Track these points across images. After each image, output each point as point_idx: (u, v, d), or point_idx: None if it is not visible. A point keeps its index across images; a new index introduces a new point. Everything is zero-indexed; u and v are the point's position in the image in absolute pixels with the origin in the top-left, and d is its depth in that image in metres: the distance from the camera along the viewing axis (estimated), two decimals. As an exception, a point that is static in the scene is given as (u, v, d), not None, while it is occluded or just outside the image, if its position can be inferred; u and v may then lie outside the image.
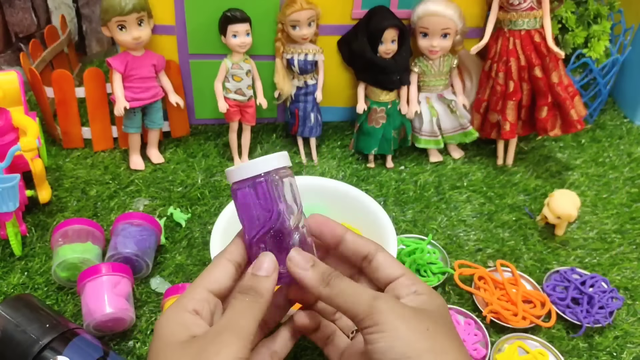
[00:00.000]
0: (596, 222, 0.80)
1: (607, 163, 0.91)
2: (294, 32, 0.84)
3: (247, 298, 0.40)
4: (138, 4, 0.78)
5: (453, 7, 0.83)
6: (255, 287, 0.40)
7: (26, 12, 1.04)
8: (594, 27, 0.92)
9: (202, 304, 0.40)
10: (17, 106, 0.81)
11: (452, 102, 0.89)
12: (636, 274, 0.72)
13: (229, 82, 0.86)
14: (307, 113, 0.90)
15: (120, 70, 0.82)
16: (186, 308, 0.40)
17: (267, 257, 0.42)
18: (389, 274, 0.43)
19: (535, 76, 0.83)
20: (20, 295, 0.59)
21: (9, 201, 0.67)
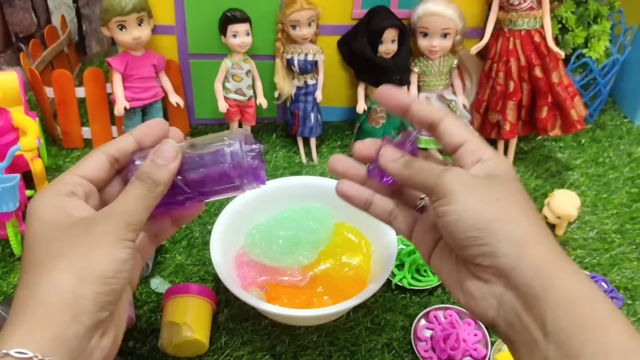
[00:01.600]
0: (596, 222, 0.80)
1: (607, 163, 0.91)
2: (294, 32, 0.84)
3: (143, 185, 0.39)
4: (138, 4, 0.78)
5: (453, 7, 0.83)
6: (153, 174, 0.39)
7: (26, 12, 1.04)
8: (594, 27, 0.92)
9: (75, 187, 0.39)
10: (17, 106, 0.81)
11: (452, 102, 0.89)
12: (636, 274, 0.72)
13: (229, 82, 0.86)
14: (307, 113, 0.90)
15: (120, 70, 0.82)
16: (60, 191, 0.38)
17: (169, 144, 0.40)
18: (452, 141, 0.42)
19: (535, 76, 0.83)
20: (20, 295, 0.59)
21: (9, 201, 0.67)
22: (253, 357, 0.61)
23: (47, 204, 0.38)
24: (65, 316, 0.34)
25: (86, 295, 0.35)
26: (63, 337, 0.34)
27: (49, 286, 0.35)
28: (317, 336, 0.63)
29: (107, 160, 0.41)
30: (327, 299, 0.63)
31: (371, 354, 0.62)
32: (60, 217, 0.37)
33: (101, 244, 0.36)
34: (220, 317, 0.65)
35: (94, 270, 0.35)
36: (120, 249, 0.37)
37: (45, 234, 0.37)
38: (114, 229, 0.37)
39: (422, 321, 0.65)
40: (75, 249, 0.36)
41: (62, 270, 0.35)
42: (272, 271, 0.66)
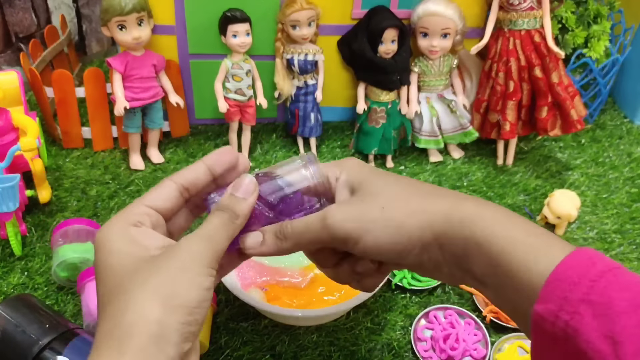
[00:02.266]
0: (596, 222, 0.80)
1: (607, 163, 0.91)
2: (294, 32, 0.84)
3: (225, 215, 0.39)
4: (138, 4, 0.78)
5: (453, 7, 0.83)
6: (233, 207, 0.39)
7: (26, 12, 1.04)
8: (594, 27, 0.92)
9: (142, 217, 0.38)
10: (17, 106, 0.81)
11: (452, 102, 0.89)
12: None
13: (229, 82, 0.86)
14: (307, 113, 0.90)
15: (120, 70, 0.82)
16: (128, 221, 0.38)
17: (247, 178, 0.40)
18: None
19: (535, 76, 0.83)
20: (20, 295, 0.59)
21: (9, 201, 0.67)
22: (253, 357, 0.61)
23: (118, 235, 0.37)
24: (153, 348, 0.33)
25: (172, 325, 0.33)
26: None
27: (136, 317, 0.33)
28: (317, 336, 0.63)
29: (178, 189, 0.41)
30: (327, 299, 0.63)
31: (371, 354, 0.62)
32: (136, 248, 0.37)
33: (189, 271, 0.35)
34: (220, 317, 0.65)
35: (180, 300, 0.34)
36: (206, 277, 0.36)
37: (125, 266, 0.36)
38: (202, 256, 0.36)
39: (422, 321, 0.65)
40: (160, 275, 0.35)
41: (148, 299, 0.34)
42: (272, 272, 0.66)
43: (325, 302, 0.63)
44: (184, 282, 0.35)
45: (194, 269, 0.35)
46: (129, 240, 0.37)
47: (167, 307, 0.34)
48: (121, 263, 0.36)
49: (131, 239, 0.37)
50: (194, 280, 0.35)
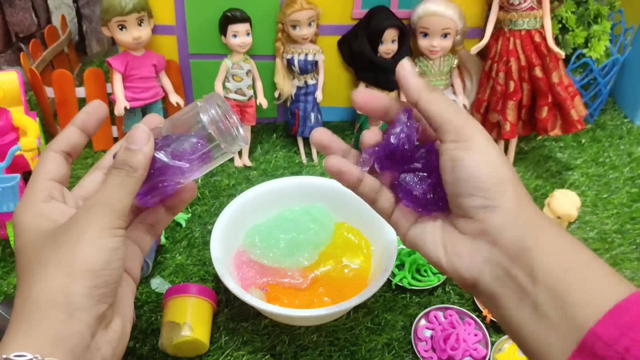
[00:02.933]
0: (596, 222, 0.80)
1: (607, 163, 0.91)
2: (294, 32, 0.84)
3: (121, 173, 0.38)
4: (138, 4, 0.78)
5: (453, 7, 0.83)
6: (129, 161, 0.38)
7: (26, 12, 1.04)
8: (594, 27, 0.92)
9: (50, 191, 0.39)
10: (17, 106, 0.81)
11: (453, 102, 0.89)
12: (636, 274, 0.72)
13: (229, 82, 0.86)
14: (307, 113, 0.90)
15: (121, 70, 0.82)
16: (38, 199, 0.38)
17: (139, 129, 0.40)
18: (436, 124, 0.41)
19: (535, 76, 0.83)
20: (21, 295, 0.59)
21: (9, 201, 0.67)
22: (253, 357, 0.61)
23: (28, 213, 0.38)
24: (60, 315, 0.34)
25: (78, 291, 0.34)
26: (61, 335, 0.33)
27: (40, 289, 0.34)
28: (317, 336, 0.63)
29: (62, 157, 0.41)
30: (327, 300, 0.63)
31: (371, 354, 0.62)
32: (44, 223, 0.37)
33: (85, 236, 0.36)
34: (220, 317, 0.65)
35: (81, 265, 0.35)
36: (108, 238, 0.36)
37: (32, 242, 0.37)
38: (97, 219, 0.36)
39: (422, 321, 0.65)
40: (60, 248, 0.36)
41: (51, 272, 0.35)
42: (272, 272, 0.66)
43: (326, 302, 0.63)
44: (83, 249, 0.35)
45: (92, 233, 0.36)
46: (38, 215, 0.38)
47: (70, 275, 0.34)
48: (29, 242, 0.37)
49: (40, 214, 0.38)
50: (94, 243, 0.35)
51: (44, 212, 0.38)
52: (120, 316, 0.38)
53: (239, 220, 0.68)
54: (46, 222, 0.38)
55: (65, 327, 0.34)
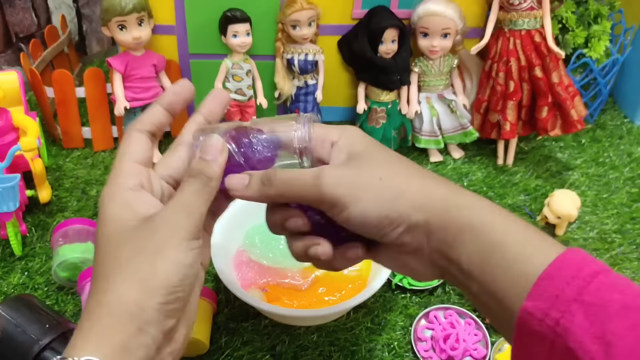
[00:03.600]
0: (596, 222, 0.80)
1: (608, 163, 0.91)
2: (294, 32, 0.84)
3: (197, 181, 0.39)
4: (138, 4, 0.78)
5: (453, 7, 0.83)
6: (204, 171, 0.39)
7: (26, 12, 1.04)
8: (594, 27, 0.92)
9: (140, 178, 0.39)
10: (17, 106, 0.81)
11: (453, 102, 0.89)
12: (636, 274, 0.72)
13: (229, 82, 0.86)
14: (307, 113, 0.90)
15: (121, 70, 0.82)
16: (128, 185, 0.38)
17: (213, 139, 0.40)
18: None
19: (535, 76, 0.83)
20: (20, 295, 0.59)
21: (9, 201, 0.67)
22: (253, 357, 0.61)
23: (116, 201, 0.38)
24: (131, 327, 0.34)
25: (151, 306, 0.34)
26: (129, 347, 0.33)
27: (116, 296, 0.34)
28: (317, 336, 0.63)
29: (147, 137, 0.41)
30: (327, 300, 0.63)
31: (371, 354, 0.62)
32: (129, 215, 0.37)
33: (165, 249, 0.35)
34: (220, 317, 0.65)
35: (158, 281, 0.35)
36: (186, 253, 0.36)
37: (114, 237, 0.37)
38: (181, 229, 0.36)
39: (422, 321, 0.65)
40: (140, 255, 0.35)
41: (129, 281, 0.35)
42: (272, 273, 0.65)
43: (326, 303, 0.63)
44: (162, 263, 0.35)
45: (173, 246, 0.36)
46: (125, 205, 0.37)
47: (145, 289, 0.34)
48: (111, 235, 0.37)
49: (127, 203, 0.37)
50: (173, 259, 0.35)
51: (131, 202, 0.38)
52: (186, 324, 0.38)
53: (239, 220, 0.68)
54: (131, 214, 0.37)
55: (135, 339, 0.34)
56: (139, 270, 0.35)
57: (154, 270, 0.35)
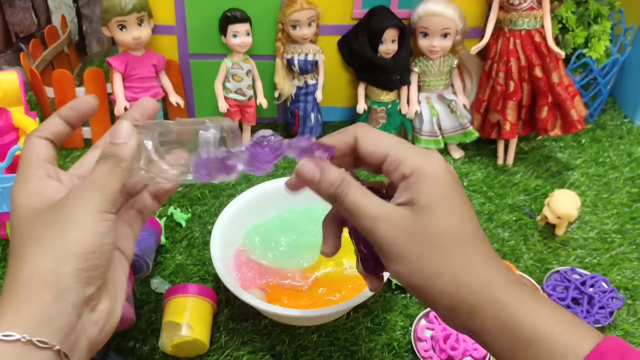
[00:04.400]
0: (596, 222, 0.80)
1: (608, 163, 0.91)
2: (294, 32, 0.84)
3: (108, 162, 0.39)
4: (138, 4, 0.78)
5: (453, 7, 0.83)
6: (115, 153, 0.39)
7: (26, 12, 1.04)
8: (594, 27, 0.92)
9: (45, 169, 0.40)
10: (17, 106, 0.81)
11: (453, 102, 0.89)
12: (636, 274, 0.72)
13: (229, 82, 0.86)
14: (307, 113, 0.90)
15: (121, 70, 0.82)
16: (35, 176, 0.39)
17: (123, 123, 0.41)
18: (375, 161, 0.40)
19: (535, 76, 0.83)
20: (21, 295, 0.59)
21: (9, 201, 0.67)
22: (253, 357, 0.61)
23: (25, 190, 0.39)
24: (49, 295, 0.34)
25: (68, 272, 0.35)
26: (49, 316, 0.34)
27: (30, 269, 0.35)
28: (317, 336, 0.63)
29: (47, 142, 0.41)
30: (327, 300, 0.63)
31: (371, 354, 0.62)
32: (38, 200, 0.38)
33: (77, 219, 0.36)
34: (220, 317, 0.65)
35: (72, 247, 0.35)
36: (98, 222, 0.37)
37: (24, 219, 0.38)
38: (88, 202, 0.37)
39: (423, 321, 0.65)
40: (52, 229, 0.36)
41: (42, 252, 0.35)
42: (273, 273, 0.65)
43: (326, 303, 0.63)
44: (74, 231, 0.36)
45: (84, 217, 0.36)
46: (33, 192, 0.39)
47: (60, 257, 0.35)
48: (22, 219, 0.38)
49: (35, 191, 0.39)
50: (85, 227, 0.36)
51: (39, 189, 0.39)
52: (108, 297, 0.38)
53: (239, 220, 0.68)
54: (40, 199, 0.38)
55: (53, 307, 0.34)
56: (51, 241, 0.36)
57: (65, 238, 0.36)
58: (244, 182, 0.86)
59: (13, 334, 0.33)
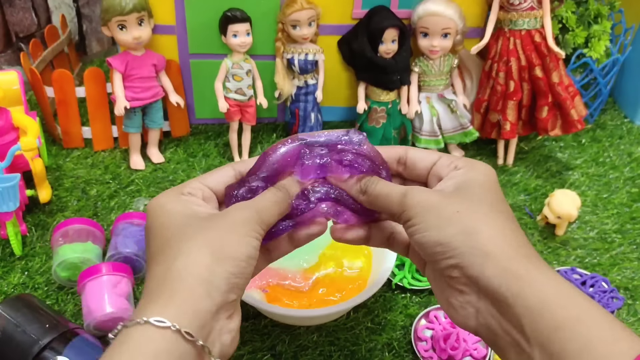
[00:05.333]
0: (596, 222, 0.80)
1: (608, 163, 0.91)
2: (295, 32, 0.84)
3: (279, 194, 0.42)
4: (138, 3, 0.78)
5: (453, 7, 0.83)
6: (288, 186, 0.42)
7: (26, 12, 1.03)
8: (595, 27, 0.92)
9: (193, 190, 0.41)
10: (17, 106, 0.81)
11: (453, 101, 0.89)
12: (636, 274, 0.72)
13: (229, 82, 0.86)
14: (307, 113, 0.90)
15: (121, 69, 0.82)
16: (179, 191, 0.41)
17: None
18: (427, 163, 0.43)
19: (535, 76, 0.83)
20: (20, 295, 0.59)
21: (9, 201, 0.67)
22: (253, 356, 0.61)
23: (170, 200, 0.40)
24: (201, 290, 0.35)
25: (220, 273, 0.36)
26: (198, 310, 0.34)
27: (187, 262, 0.35)
28: (317, 336, 0.63)
29: (234, 174, 0.44)
30: (327, 300, 0.63)
31: (371, 354, 0.62)
32: (187, 210, 0.39)
33: (237, 229, 0.37)
34: (221, 317, 0.65)
35: (229, 251, 0.36)
36: (253, 238, 0.38)
37: (177, 222, 0.38)
38: (250, 220, 0.38)
39: (423, 321, 0.65)
40: (211, 231, 0.37)
41: (200, 247, 0.36)
42: (273, 274, 0.65)
43: (326, 303, 0.63)
44: (232, 238, 0.37)
45: (242, 230, 0.38)
46: (180, 204, 0.40)
47: (216, 257, 0.36)
48: (172, 221, 0.38)
49: (182, 203, 0.40)
50: (242, 238, 0.37)
51: (185, 201, 0.40)
52: (237, 316, 0.38)
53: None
54: (190, 209, 0.39)
55: (202, 303, 0.35)
56: (211, 241, 0.36)
57: (223, 242, 0.37)
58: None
59: (165, 321, 0.33)
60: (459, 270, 0.37)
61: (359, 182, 0.43)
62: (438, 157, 0.43)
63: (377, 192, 0.42)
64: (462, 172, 0.41)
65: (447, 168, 0.42)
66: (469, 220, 0.37)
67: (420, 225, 0.38)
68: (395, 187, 0.41)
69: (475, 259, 0.36)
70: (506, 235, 0.37)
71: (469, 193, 0.39)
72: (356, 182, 0.43)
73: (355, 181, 0.43)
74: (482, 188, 0.40)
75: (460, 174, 0.41)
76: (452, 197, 0.39)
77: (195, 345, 0.34)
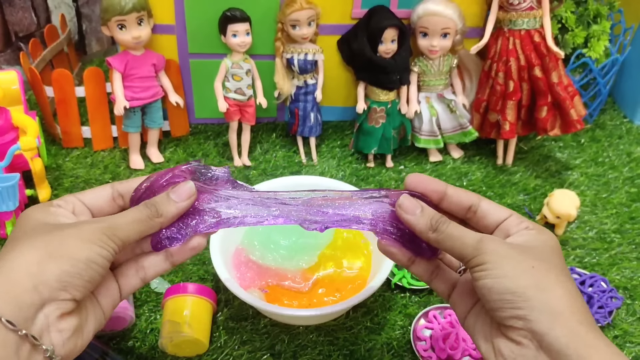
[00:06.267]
0: (596, 222, 0.80)
1: (607, 163, 0.91)
2: (294, 32, 0.84)
3: (145, 211, 0.40)
4: (138, 3, 0.78)
5: (453, 6, 0.83)
6: (159, 205, 0.41)
7: (26, 12, 1.04)
8: (594, 27, 0.92)
9: (65, 203, 0.42)
10: (17, 105, 0.81)
11: (452, 101, 0.89)
12: (635, 273, 0.72)
13: (228, 82, 0.86)
14: (307, 112, 0.90)
15: (120, 69, 0.82)
16: (50, 203, 0.41)
17: (187, 185, 0.42)
18: (497, 217, 0.44)
19: (535, 76, 0.83)
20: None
21: (9, 200, 0.67)
22: (253, 356, 0.61)
23: (37, 211, 0.40)
24: (27, 283, 0.35)
25: (51, 269, 0.36)
26: (21, 301, 0.35)
27: (20, 258, 0.36)
28: (316, 335, 0.63)
29: (111, 193, 0.43)
30: (327, 300, 0.63)
31: (370, 354, 0.62)
32: (49, 219, 0.40)
33: (81, 235, 0.38)
34: (220, 317, 0.65)
35: (66, 251, 0.37)
36: (97, 246, 0.38)
37: (30, 227, 0.39)
38: (97, 230, 0.38)
39: (422, 321, 0.65)
40: (54, 235, 0.37)
41: (36, 247, 0.37)
42: (273, 274, 0.65)
43: (325, 302, 0.63)
44: (72, 241, 0.37)
45: (85, 236, 0.38)
46: (44, 214, 0.40)
47: (51, 255, 0.36)
48: (28, 227, 0.39)
49: (47, 213, 0.40)
50: (84, 242, 0.37)
51: (52, 212, 0.40)
52: (78, 319, 0.38)
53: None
54: (51, 218, 0.40)
55: (27, 295, 0.35)
56: (47, 242, 0.37)
57: (62, 243, 0.37)
58: (243, 181, 0.86)
59: None
60: (523, 322, 0.38)
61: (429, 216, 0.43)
62: (509, 214, 0.44)
63: (449, 232, 0.42)
64: (534, 233, 0.42)
65: (517, 227, 0.43)
66: (544, 277, 0.38)
67: (494, 271, 0.39)
68: (469, 231, 0.42)
69: (544, 315, 0.37)
70: (576, 300, 0.38)
71: (543, 254, 0.40)
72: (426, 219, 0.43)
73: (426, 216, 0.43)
74: (553, 251, 0.41)
75: (533, 234, 0.42)
76: (527, 253, 0.40)
77: (19, 335, 0.34)
